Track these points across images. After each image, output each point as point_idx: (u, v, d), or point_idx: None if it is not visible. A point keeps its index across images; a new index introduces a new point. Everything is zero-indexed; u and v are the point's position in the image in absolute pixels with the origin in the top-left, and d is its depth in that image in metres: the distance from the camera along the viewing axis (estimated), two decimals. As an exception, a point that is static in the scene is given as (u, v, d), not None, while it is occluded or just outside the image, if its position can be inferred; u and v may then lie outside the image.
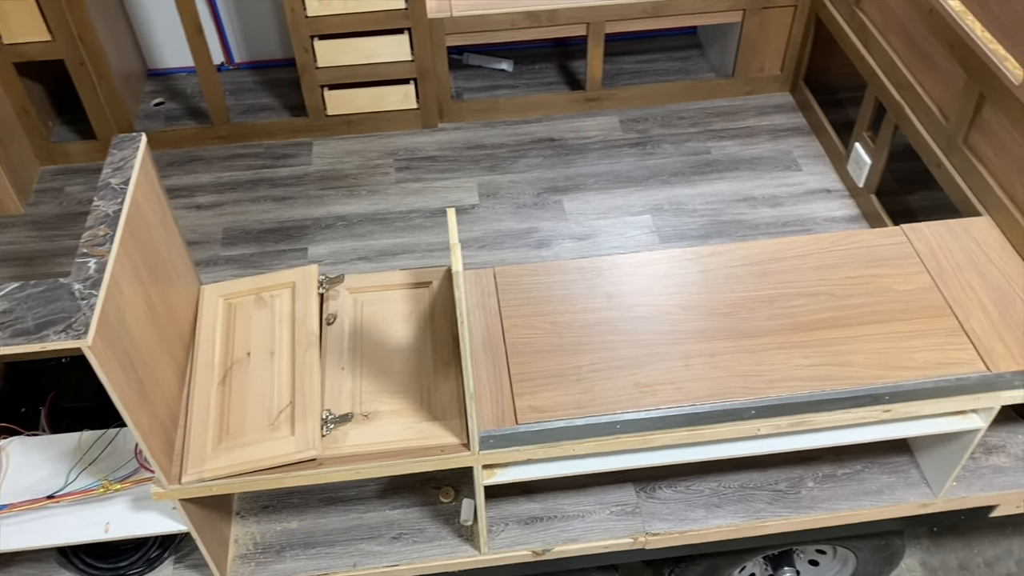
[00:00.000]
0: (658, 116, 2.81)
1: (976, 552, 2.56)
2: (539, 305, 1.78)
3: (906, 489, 1.91)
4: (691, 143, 2.71)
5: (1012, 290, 1.77)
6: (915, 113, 2.15)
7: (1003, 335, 1.69)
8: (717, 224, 2.45)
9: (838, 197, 2.52)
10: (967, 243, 1.87)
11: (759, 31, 2.68)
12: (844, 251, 1.87)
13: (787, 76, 2.81)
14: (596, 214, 2.49)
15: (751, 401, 1.60)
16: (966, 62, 1.93)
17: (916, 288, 1.78)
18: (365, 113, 2.69)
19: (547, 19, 2.58)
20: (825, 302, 1.76)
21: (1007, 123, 1.83)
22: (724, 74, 2.85)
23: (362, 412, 1.60)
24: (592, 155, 2.68)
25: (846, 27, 2.44)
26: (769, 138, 2.72)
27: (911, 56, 2.17)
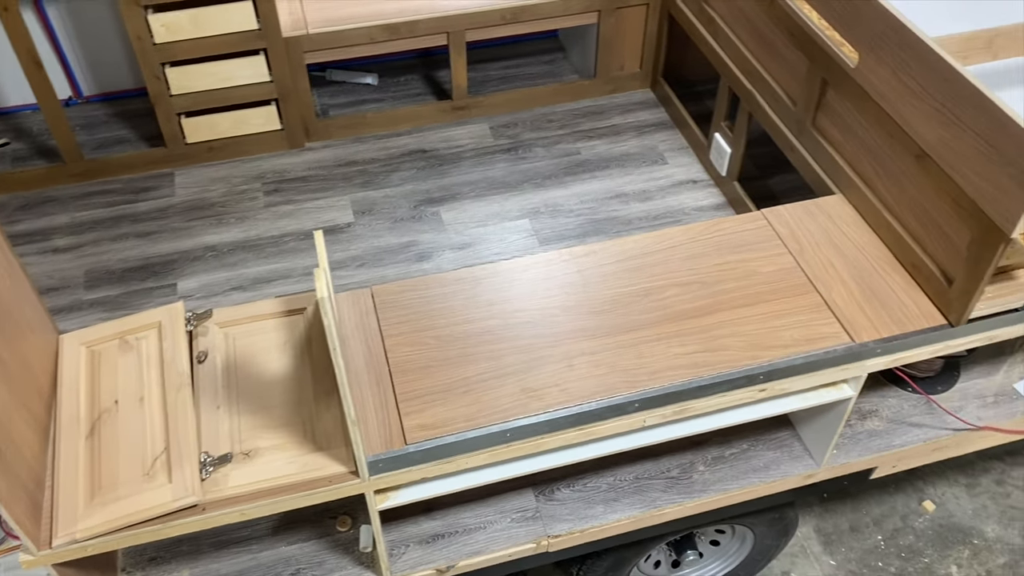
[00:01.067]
0: (527, 120, 2.83)
1: (864, 512, 2.69)
2: (420, 320, 1.76)
3: (791, 462, 1.99)
4: (561, 145, 2.74)
5: (868, 262, 1.86)
6: (766, 101, 2.24)
7: (863, 307, 1.78)
8: (593, 222, 2.49)
9: (704, 187, 2.60)
10: (823, 221, 1.96)
11: (616, 31, 2.74)
12: (711, 239, 1.93)
13: (647, 73, 2.89)
14: (475, 222, 2.49)
15: (634, 394, 1.63)
16: (807, 49, 2.02)
17: (780, 269, 1.86)
18: (227, 138, 2.61)
19: (406, 31, 2.56)
20: (696, 290, 1.81)
21: (849, 105, 1.93)
22: (587, 75, 2.90)
23: (242, 451, 1.54)
24: (465, 163, 2.68)
25: (696, 22, 2.52)
26: (635, 135, 2.78)
27: (758, 47, 2.26)
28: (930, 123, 1.68)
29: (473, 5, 2.59)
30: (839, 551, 2.59)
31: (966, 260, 1.65)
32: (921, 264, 1.79)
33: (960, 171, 1.62)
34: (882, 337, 1.72)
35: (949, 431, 2.03)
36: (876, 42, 1.77)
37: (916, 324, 1.74)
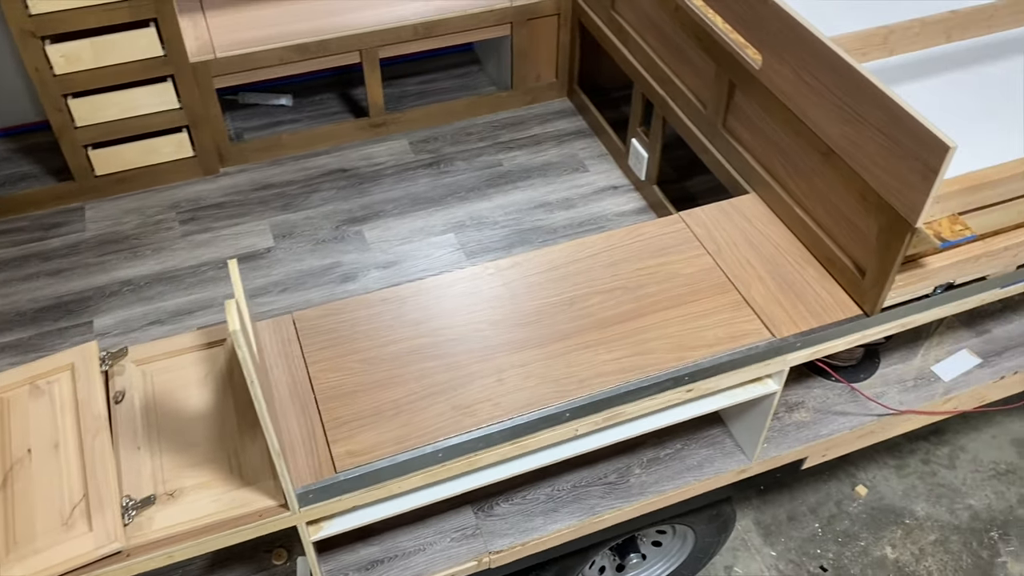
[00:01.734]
0: (447, 134, 2.83)
1: (801, 501, 2.75)
2: (345, 344, 1.73)
3: (724, 459, 2.02)
4: (483, 157, 2.74)
5: (783, 258, 1.91)
6: (678, 105, 2.28)
7: (781, 301, 1.82)
8: (519, 233, 2.50)
9: (625, 192, 2.63)
10: (739, 220, 2.00)
11: (529, 42, 2.76)
12: (632, 245, 1.95)
13: (563, 82, 2.91)
14: (399, 240, 2.47)
15: (565, 404, 1.63)
16: (713, 53, 2.06)
17: (700, 270, 1.89)
18: (138, 168, 2.53)
19: (318, 50, 2.53)
20: (621, 296, 1.83)
21: (756, 106, 1.98)
22: (504, 87, 2.91)
23: (166, 491, 1.49)
24: (387, 181, 2.65)
25: (606, 30, 2.55)
26: (555, 144, 2.80)
27: (667, 52, 2.30)
28: (833, 120, 1.72)
29: (385, 22, 2.57)
30: (779, 541, 2.64)
31: (876, 251, 1.71)
32: (834, 257, 1.84)
33: (864, 166, 1.67)
34: (801, 331, 1.76)
35: (873, 417, 2.09)
36: (777, 43, 1.82)
37: (833, 316, 1.79)
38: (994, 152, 1.96)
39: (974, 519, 2.68)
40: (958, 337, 2.25)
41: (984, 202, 1.67)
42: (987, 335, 2.25)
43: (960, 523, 2.67)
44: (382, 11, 2.61)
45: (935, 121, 2.07)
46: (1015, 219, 1.78)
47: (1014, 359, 2.20)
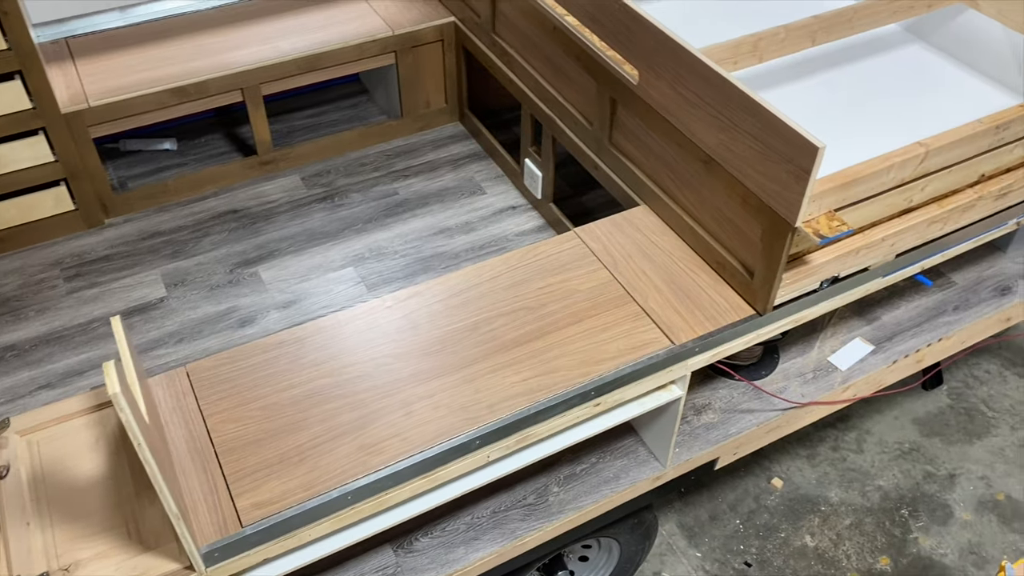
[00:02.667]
0: (340, 167, 2.79)
1: (721, 500, 2.80)
2: (243, 392, 1.68)
3: (639, 468, 2.04)
4: (378, 187, 2.72)
5: (677, 266, 1.95)
6: (565, 124, 2.31)
7: (678, 309, 1.85)
8: (420, 261, 2.48)
9: (523, 211, 2.65)
10: (632, 233, 2.03)
11: (415, 70, 2.76)
12: (530, 265, 1.96)
13: (453, 107, 2.92)
14: (297, 278, 2.42)
15: (475, 431, 1.62)
16: (593, 71, 2.10)
17: (598, 284, 1.91)
18: (16, 226, 2.41)
19: (197, 92, 2.47)
20: (523, 316, 1.83)
21: (638, 120, 2.02)
22: (394, 115, 2.90)
23: (60, 567, 1.41)
24: (280, 218, 2.60)
25: (490, 54, 2.57)
26: (451, 168, 2.80)
27: (550, 72, 2.33)
28: (710, 129, 1.78)
29: (265, 58, 2.53)
30: (703, 542, 2.69)
31: (762, 252, 1.76)
32: (724, 261, 1.88)
33: (743, 171, 1.73)
34: (699, 335, 1.80)
35: (778, 412, 2.15)
36: (651, 59, 1.86)
37: (728, 318, 1.83)
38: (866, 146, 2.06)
39: (885, 499, 2.78)
40: (851, 326, 2.34)
41: (858, 197, 1.74)
42: (877, 322, 2.35)
43: (872, 505, 2.77)
44: (262, 48, 2.57)
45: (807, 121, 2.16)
46: (889, 210, 1.86)
47: (904, 343, 2.30)
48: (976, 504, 2.76)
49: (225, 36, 2.62)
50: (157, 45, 2.59)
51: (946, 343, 2.33)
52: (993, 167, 1.92)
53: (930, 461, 2.88)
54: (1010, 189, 1.97)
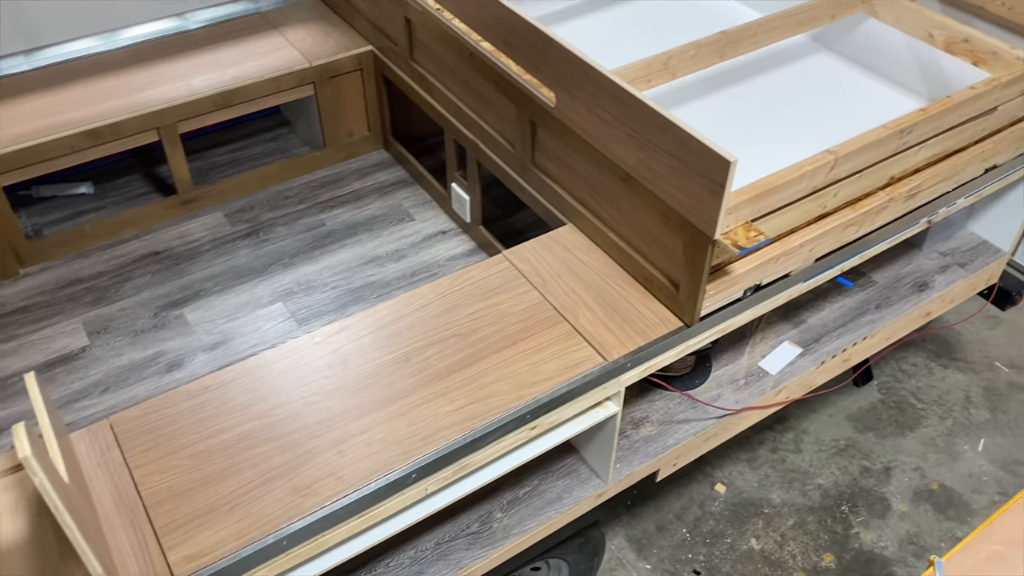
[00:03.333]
0: (263, 201, 2.75)
1: (667, 510, 2.83)
2: (170, 442, 1.64)
3: (581, 486, 2.04)
4: (304, 220, 2.69)
5: (605, 283, 1.96)
6: (488, 147, 2.32)
7: (609, 325, 1.87)
8: (351, 292, 2.45)
9: (454, 236, 2.65)
10: (560, 252, 2.05)
11: (335, 99, 2.74)
12: (460, 291, 1.95)
13: (376, 135, 2.90)
14: (224, 317, 2.37)
15: (411, 465, 1.60)
16: (512, 95, 2.11)
17: (529, 305, 1.91)
18: (-77, 282, 2.32)
19: (111, 134, 2.41)
20: (455, 344, 1.83)
21: (558, 141, 2.04)
22: (317, 146, 2.87)
23: (-20, 641, 1.35)
24: (204, 257, 2.55)
25: (410, 81, 2.57)
26: (378, 196, 2.78)
27: (470, 97, 2.33)
28: (627, 148, 1.80)
29: (179, 96, 2.48)
30: (652, 553, 2.70)
31: (685, 265, 1.79)
32: (651, 275, 1.91)
33: (661, 187, 1.75)
34: (630, 351, 1.81)
35: (714, 420, 2.18)
36: (566, 81, 1.88)
37: (657, 332, 1.85)
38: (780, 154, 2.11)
39: (825, 497, 2.84)
40: (779, 331, 2.39)
41: (773, 206, 1.78)
42: (804, 325, 2.40)
43: (813, 503, 2.82)
44: (175, 86, 2.52)
45: (722, 133, 2.22)
46: (805, 217, 1.91)
47: (830, 343, 2.35)
48: (912, 495, 2.84)
49: (136, 76, 2.57)
50: (66, 88, 2.52)
51: (871, 341, 2.40)
52: (901, 169, 1.99)
53: (866, 456, 2.95)
54: (919, 189, 2.04)
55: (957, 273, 2.53)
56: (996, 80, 1.97)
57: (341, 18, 2.82)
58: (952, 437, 2.99)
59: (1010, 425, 3.00)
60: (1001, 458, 2.92)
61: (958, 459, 2.92)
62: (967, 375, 3.18)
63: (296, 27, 2.79)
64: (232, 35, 2.75)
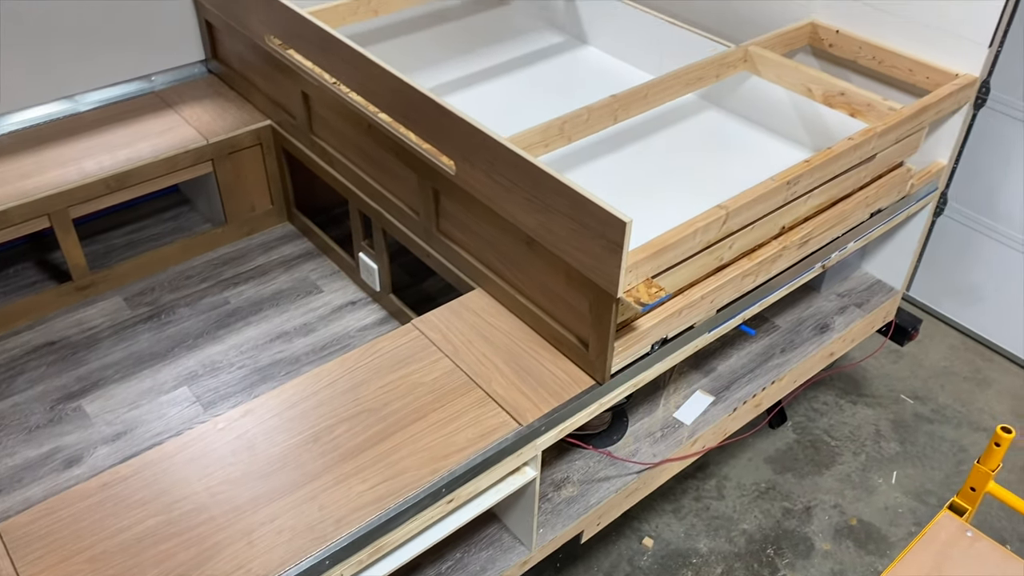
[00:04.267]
0: (164, 282, 2.67)
1: (596, 568, 2.80)
2: (67, 546, 1.54)
3: (505, 555, 2.00)
4: (207, 299, 2.62)
5: (516, 346, 1.96)
6: (392, 216, 2.32)
7: (522, 388, 1.86)
8: (258, 371, 2.39)
9: (363, 305, 2.62)
10: (469, 317, 2.04)
11: (235, 175, 2.70)
12: (369, 364, 1.92)
13: (280, 208, 2.87)
14: (126, 406, 2.27)
15: (324, 551, 1.55)
16: (413, 164, 2.12)
17: (441, 374, 1.89)
18: None
19: (-3, 222, 2.32)
20: (366, 419, 1.79)
21: (461, 207, 2.05)
22: (218, 222, 2.82)
23: None
24: (103, 345, 2.45)
25: (311, 154, 2.56)
26: (284, 270, 2.74)
27: (371, 168, 2.33)
28: (527, 212, 1.82)
29: (69, 181, 2.41)
30: (584, 615, 2.66)
31: (592, 324, 1.80)
32: (560, 336, 1.92)
33: (563, 249, 1.78)
34: (545, 413, 1.81)
35: (634, 475, 2.18)
36: (465, 150, 1.90)
37: (570, 392, 1.85)
38: (677, 209, 2.18)
39: (750, 542, 2.86)
40: (690, 380, 2.42)
41: (672, 262, 1.82)
42: (714, 373, 2.45)
43: (739, 549, 2.84)
44: (65, 170, 2.45)
45: (619, 193, 2.27)
46: (704, 270, 1.96)
47: (741, 390, 2.40)
48: (833, 533, 2.88)
49: (23, 162, 2.49)
50: (-54, 177, 2.42)
51: (779, 384, 2.46)
52: (791, 218, 2.07)
53: (786, 497, 2.99)
54: (810, 236, 2.12)
55: (855, 313, 2.63)
56: (872, 130, 2.08)
57: (238, 94, 2.80)
58: (866, 472, 3.06)
59: (919, 456, 3.10)
60: (913, 489, 3.00)
61: (873, 493, 3.00)
62: (875, 409, 3.28)
63: (192, 105, 2.76)
64: (125, 115, 2.70)
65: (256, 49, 2.56)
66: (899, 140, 2.19)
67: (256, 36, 2.50)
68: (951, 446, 3.08)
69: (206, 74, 2.92)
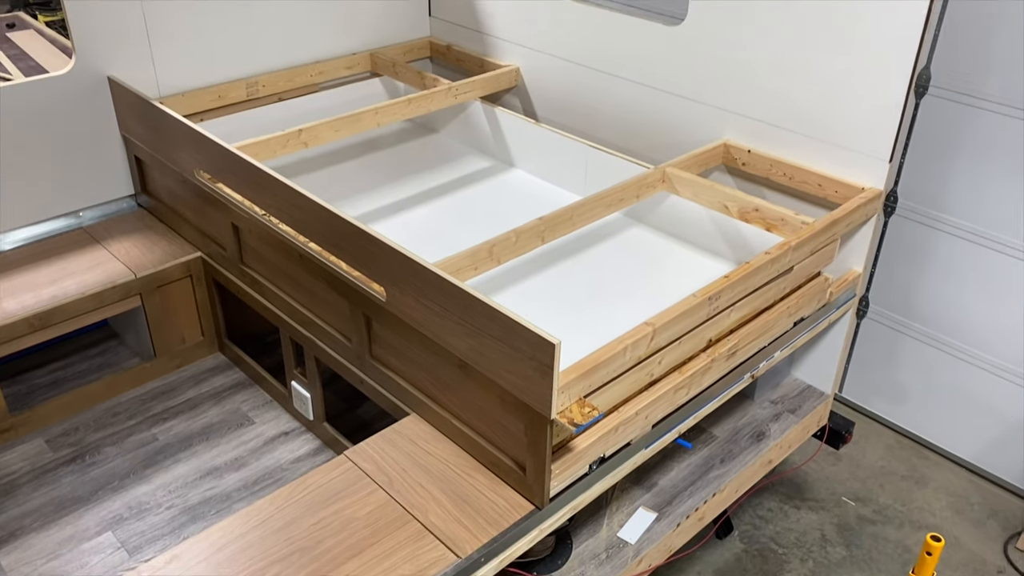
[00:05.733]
0: (89, 422, 2.58)
1: None
2: None
3: None
4: (134, 437, 2.53)
5: (453, 473, 1.93)
6: (325, 343, 2.30)
7: (460, 518, 1.82)
8: (188, 511, 2.29)
9: (297, 436, 2.56)
10: (404, 445, 2.01)
11: (164, 308, 2.67)
12: (301, 500, 1.86)
13: (211, 339, 2.83)
14: (45, 557, 2.14)
15: None
16: (344, 292, 2.13)
17: (375, 508, 1.84)
18: None
19: (-92, 368, 2.22)
20: (298, 560, 1.72)
21: (393, 333, 2.05)
22: (148, 356, 2.75)
23: None
24: (22, 491, 2.33)
25: (241, 284, 2.55)
26: (214, 403, 2.67)
27: (303, 296, 2.33)
28: (459, 336, 1.83)
29: (-11, 321, 2.35)
30: None
31: (528, 447, 1.79)
32: (498, 460, 1.89)
33: (495, 372, 1.78)
34: (484, 543, 1.76)
35: (580, 600, 2.12)
36: (394, 277, 1.92)
37: (509, 518, 1.82)
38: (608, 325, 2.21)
39: (705, 660, 2.78)
40: (633, 497, 2.40)
41: (603, 380, 1.84)
42: (656, 488, 2.43)
43: (694, 669, 2.75)
44: (-15, 310, 2.39)
45: (549, 313, 2.30)
46: (636, 386, 1.98)
47: (683, 503, 2.38)
48: (787, 645, 2.83)
49: (-60, 303, 2.42)
50: None
51: (721, 496, 2.45)
52: (717, 331, 2.12)
53: (738, 611, 2.94)
54: (737, 348, 2.17)
55: (789, 420, 2.66)
56: (788, 244, 2.17)
57: (168, 227, 2.80)
58: (815, 578, 3.04)
59: (865, 560, 3.09)
60: (863, 594, 2.98)
61: (824, 601, 2.96)
62: (819, 514, 3.28)
63: (120, 239, 2.74)
64: (51, 253, 2.66)
65: (186, 183, 2.58)
66: (814, 252, 2.28)
67: (186, 171, 2.52)
68: (895, 547, 3.08)
69: (135, 208, 2.92)
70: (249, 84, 3.05)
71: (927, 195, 3.17)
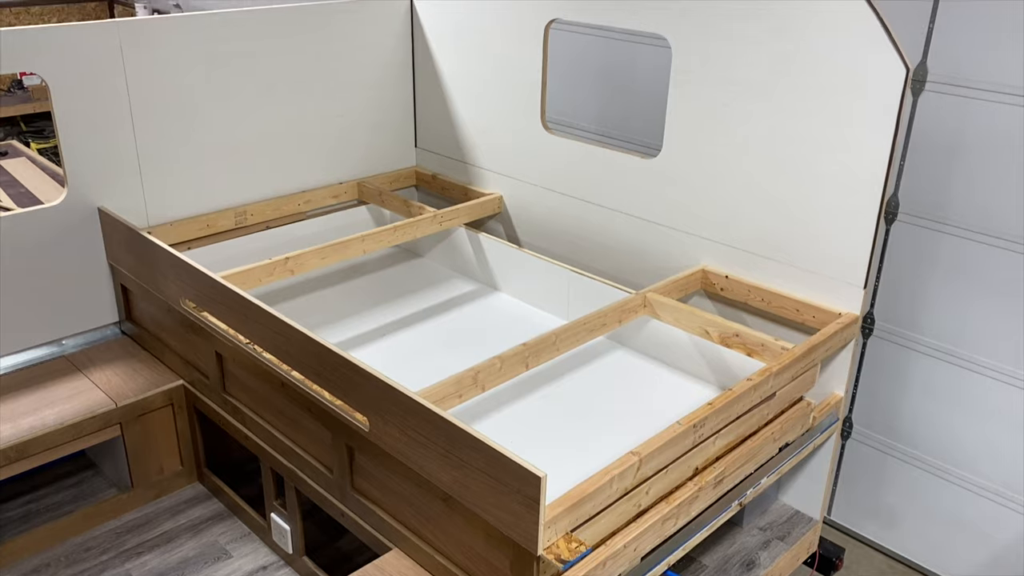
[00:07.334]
0: (61, 557, 2.49)
1: None
2: None
3: None
4: (107, 573, 2.44)
5: (436, 611, 1.87)
6: (305, 474, 2.26)
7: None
8: (158, 653, 2.19)
9: (275, 570, 2.48)
10: (386, 582, 1.95)
11: (144, 438, 2.63)
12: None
13: (190, 469, 2.77)
14: None
15: None
16: (326, 422, 2.11)
17: (356, 650, 1.77)
18: None
19: None
20: None
21: (376, 464, 2.02)
22: (125, 487, 2.69)
23: None
24: (-16, 635, 2.22)
25: (223, 412, 2.52)
26: (191, 535, 2.60)
27: (285, 426, 2.31)
28: (443, 468, 1.81)
29: (-37, 453, 2.30)
30: None
31: (514, 584, 1.74)
32: (482, 597, 1.84)
33: (480, 505, 1.75)
34: None
35: None
36: (378, 406, 1.92)
37: (493, 661, 1.75)
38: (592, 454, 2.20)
39: None
40: (622, 632, 2.32)
41: (590, 513, 1.81)
42: (647, 622, 2.35)
43: None
44: (-40, 442, 2.35)
45: (534, 440, 2.29)
46: (623, 518, 1.94)
47: (675, 638, 2.30)
48: None
49: (-86, 435, 2.38)
50: None
51: (714, 629, 2.37)
52: (703, 459, 2.11)
53: None
54: (723, 475, 2.15)
55: (779, 547, 2.61)
56: (769, 370, 2.19)
57: (151, 354, 2.80)
58: None
59: None
60: None
61: None
62: (815, 645, 3.17)
63: (103, 367, 2.73)
64: (31, 382, 2.64)
65: (171, 311, 2.59)
66: (795, 377, 2.30)
67: (171, 299, 2.54)
68: None
69: (119, 335, 2.92)
70: (237, 213, 3.11)
71: (903, 317, 3.23)
